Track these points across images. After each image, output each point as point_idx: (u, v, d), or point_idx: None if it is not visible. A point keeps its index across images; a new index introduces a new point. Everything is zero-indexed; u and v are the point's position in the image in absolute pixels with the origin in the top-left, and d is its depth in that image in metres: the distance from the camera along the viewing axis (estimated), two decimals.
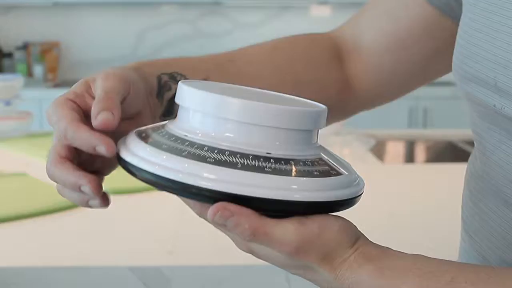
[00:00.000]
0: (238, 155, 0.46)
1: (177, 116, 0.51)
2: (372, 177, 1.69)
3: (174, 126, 0.50)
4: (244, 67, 0.70)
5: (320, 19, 4.09)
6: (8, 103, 1.97)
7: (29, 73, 3.96)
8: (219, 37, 4.07)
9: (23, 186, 1.48)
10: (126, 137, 0.51)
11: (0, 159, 1.77)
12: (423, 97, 3.52)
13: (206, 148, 0.46)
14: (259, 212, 0.45)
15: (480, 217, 0.59)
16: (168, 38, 4.08)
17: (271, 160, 0.46)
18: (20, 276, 1.04)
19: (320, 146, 0.51)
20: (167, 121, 0.52)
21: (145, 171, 0.47)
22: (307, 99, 0.54)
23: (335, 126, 1.94)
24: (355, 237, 0.47)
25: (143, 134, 0.50)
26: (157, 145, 0.48)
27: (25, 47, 4.05)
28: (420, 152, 2.26)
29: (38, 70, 3.93)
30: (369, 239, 0.48)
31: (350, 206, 0.48)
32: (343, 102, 0.76)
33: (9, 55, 4.02)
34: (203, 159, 0.46)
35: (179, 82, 0.51)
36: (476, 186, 0.60)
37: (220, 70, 0.68)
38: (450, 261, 0.49)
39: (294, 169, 0.46)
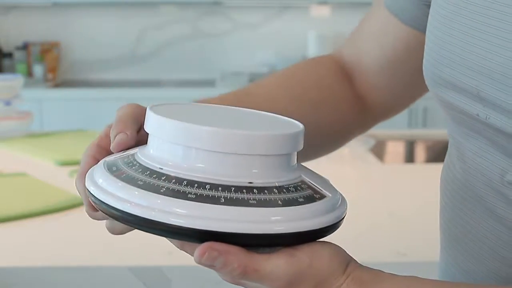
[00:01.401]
0: (220, 188, 0.44)
1: (148, 144, 0.49)
2: (372, 177, 1.71)
3: (145, 157, 0.47)
4: (261, 99, 0.70)
5: (320, 19, 4.09)
6: (8, 103, 1.97)
7: (29, 73, 3.95)
8: (219, 37, 4.07)
9: (23, 186, 1.48)
10: (94, 169, 0.49)
11: (0, 159, 1.77)
12: (423, 97, 3.50)
13: (185, 182, 0.44)
14: (245, 247, 0.44)
15: (461, 225, 0.57)
16: (168, 38, 4.08)
17: (254, 191, 0.44)
18: (20, 276, 1.04)
19: (300, 165, 0.49)
20: (137, 148, 0.50)
21: (115, 208, 0.45)
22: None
23: None
24: (346, 262, 0.46)
25: (114, 168, 0.48)
26: (130, 181, 0.45)
27: (25, 47, 4.04)
28: (420, 152, 2.25)
29: (38, 70, 3.93)
30: (369, 239, 0.48)
31: (336, 229, 0.47)
32: (360, 117, 0.77)
33: (9, 55, 4.02)
34: (183, 195, 0.43)
35: (147, 109, 0.49)
36: (455, 194, 0.58)
37: (239, 105, 0.69)
38: (444, 282, 0.48)
39: (278, 198, 0.44)
